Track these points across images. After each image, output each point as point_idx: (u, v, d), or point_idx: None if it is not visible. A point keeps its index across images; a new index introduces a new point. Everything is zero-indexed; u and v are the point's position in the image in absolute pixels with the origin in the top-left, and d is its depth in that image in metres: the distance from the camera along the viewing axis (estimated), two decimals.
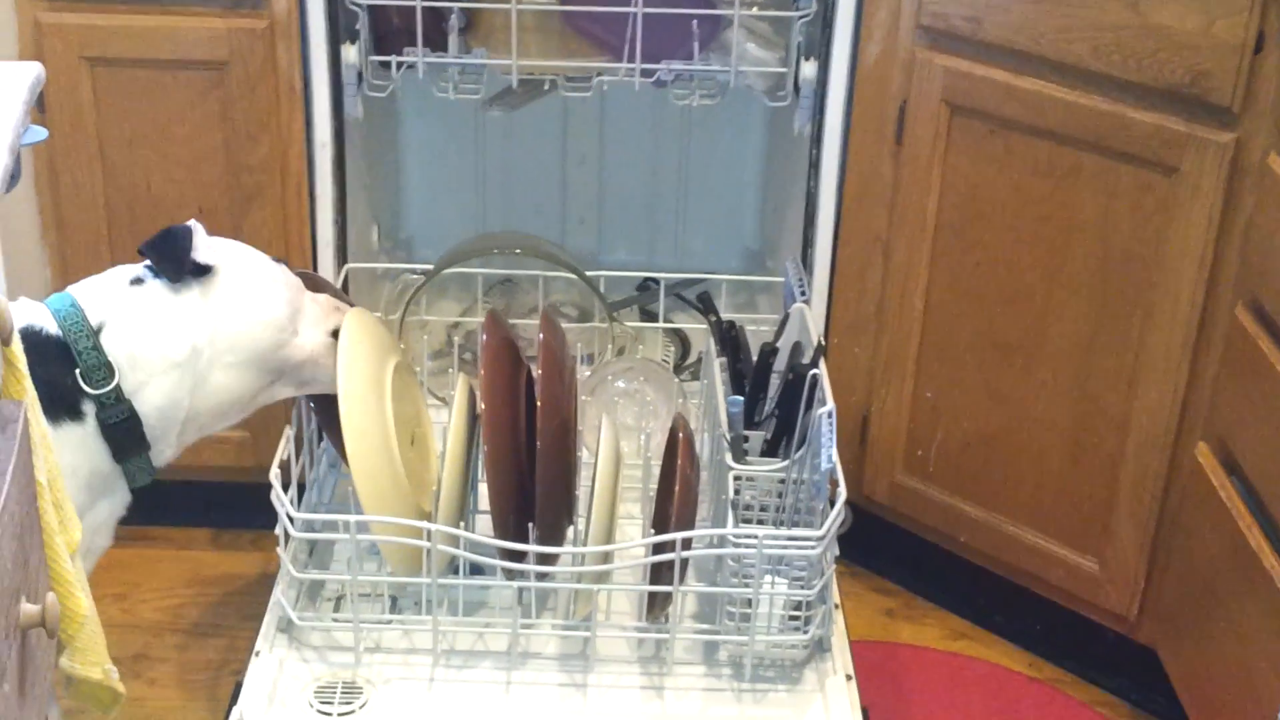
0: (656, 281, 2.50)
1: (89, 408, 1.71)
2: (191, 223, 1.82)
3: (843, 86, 2.20)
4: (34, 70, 1.44)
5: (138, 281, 1.79)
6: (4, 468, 1.33)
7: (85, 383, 1.70)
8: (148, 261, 1.80)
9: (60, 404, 1.69)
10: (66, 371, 1.70)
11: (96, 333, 1.72)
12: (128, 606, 2.40)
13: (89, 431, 1.72)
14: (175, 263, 1.78)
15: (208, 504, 2.52)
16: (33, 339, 1.69)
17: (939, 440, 2.30)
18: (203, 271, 1.79)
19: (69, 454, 1.70)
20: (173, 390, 1.77)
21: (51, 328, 1.71)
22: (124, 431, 1.73)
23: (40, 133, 1.54)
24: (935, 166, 2.16)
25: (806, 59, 2.25)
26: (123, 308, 1.76)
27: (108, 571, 2.45)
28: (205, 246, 1.80)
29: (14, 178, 1.35)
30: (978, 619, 2.42)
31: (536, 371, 1.91)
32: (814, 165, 2.28)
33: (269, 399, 1.89)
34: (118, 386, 1.72)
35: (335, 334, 1.90)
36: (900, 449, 2.35)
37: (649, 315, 2.65)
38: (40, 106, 2.20)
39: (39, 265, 2.30)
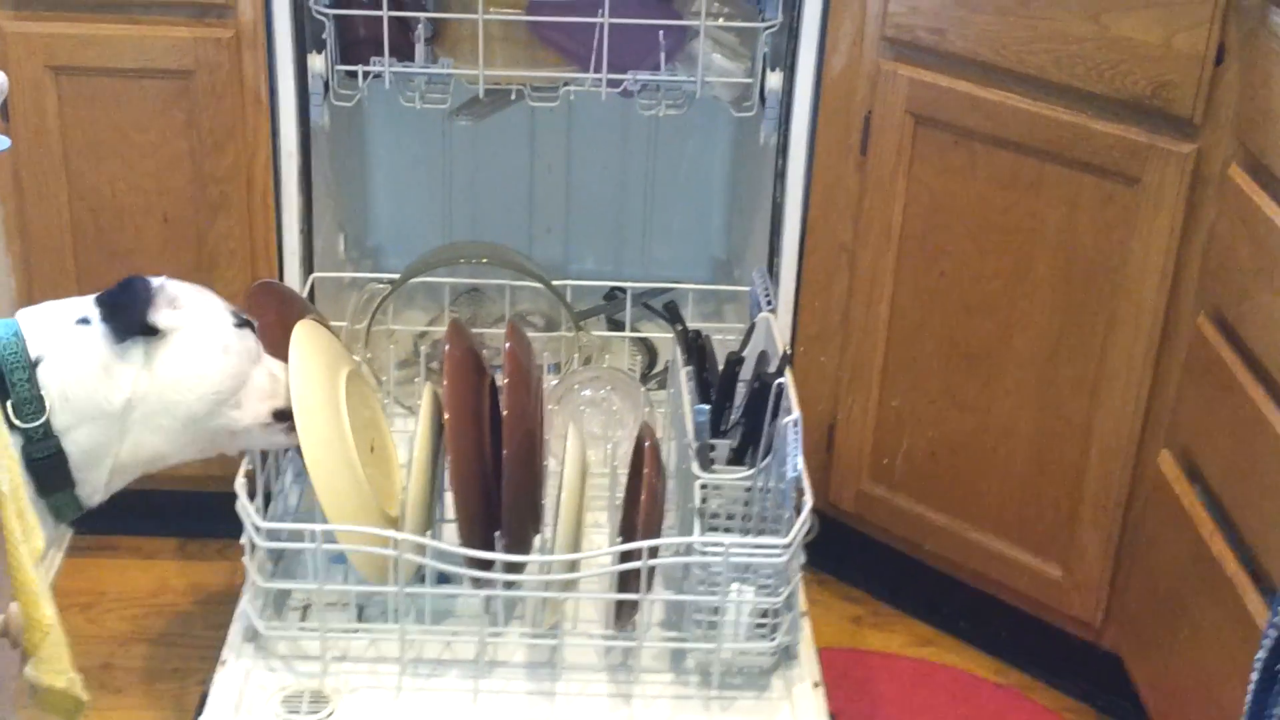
0: (623, 291, 2.50)
1: (16, 440, 1.66)
2: (160, 280, 1.78)
3: (808, 97, 2.21)
4: None
5: (84, 322, 1.73)
6: None
7: (15, 415, 1.66)
8: (97, 297, 1.75)
9: None
10: None
11: (33, 366, 1.68)
12: (93, 616, 2.39)
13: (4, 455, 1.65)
14: (126, 321, 1.72)
15: (174, 513, 2.51)
16: None
17: (904, 449, 2.31)
18: (152, 332, 1.74)
19: None
20: (101, 437, 1.73)
21: None
22: (49, 468, 1.69)
23: (2, 141, 1.53)
24: (900, 177, 2.17)
25: (772, 70, 2.26)
26: (64, 346, 1.71)
27: (73, 581, 2.46)
28: (167, 305, 1.75)
29: None
30: (944, 625, 2.43)
31: (502, 381, 1.91)
32: (780, 175, 2.29)
33: (204, 454, 1.85)
34: (47, 422, 1.68)
35: (278, 414, 1.85)
36: (866, 457, 2.36)
37: (616, 324, 2.65)
38: (4, 115, 2.19)
39: (3, 273, 2.30)
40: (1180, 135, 1.90)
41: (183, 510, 2.48)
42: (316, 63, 2.23)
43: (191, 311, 1.78)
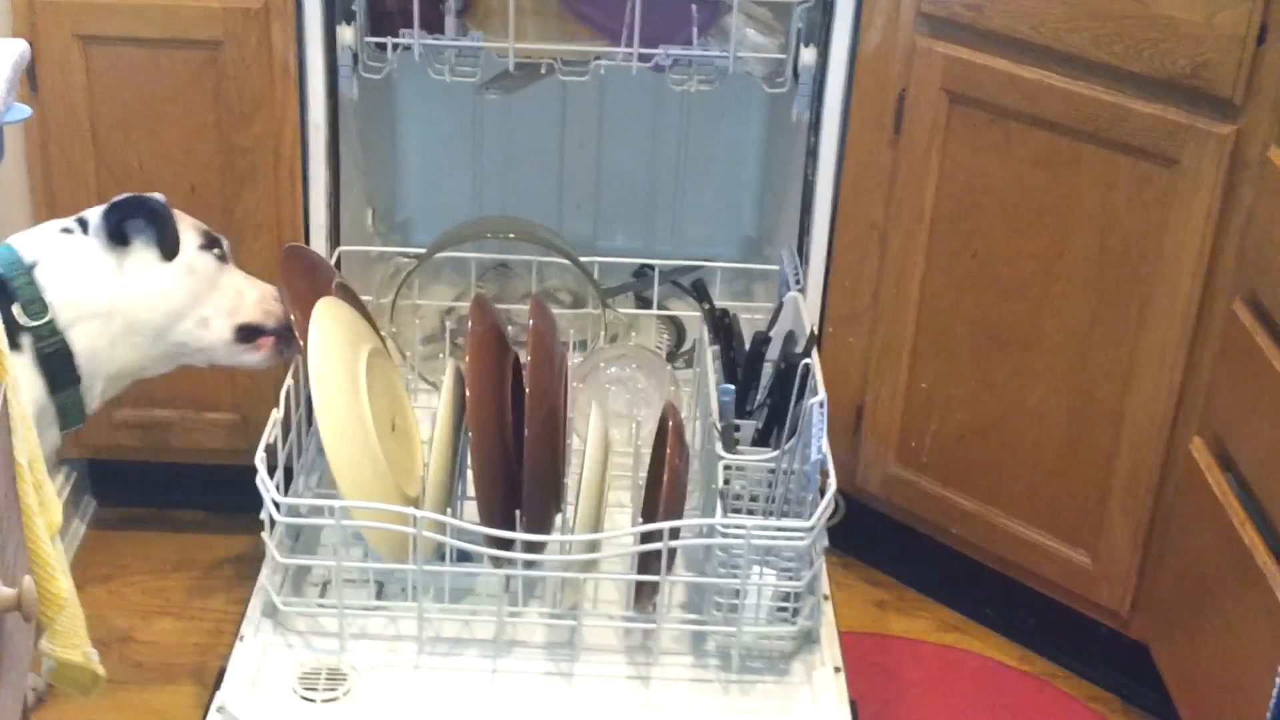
0: (651, 268, 2.48)
1: (26, 340, 1.81)
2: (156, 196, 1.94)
3: (842, 74, 2.18)
4: (17, 47, 1.43)
5: (66, 231, 1.90)
6: None
7: (23, 315, 1.80)
8: (78, 217, 1.92)
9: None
10: (3, 307, 1.79)
11: (30, 269, 1.83)
12: (115, 588, 2.39)
13: (27, 363, 1.81)
14: (114, 222, 1.90)
15: (199, 486, 2.51)
16: None
17: (933, 431, 2.29)
18: (123, 240, 1.90)
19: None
20: (96, 336, 1.87)
21: None
22: (57, 362, 1.83)
23: (23, 110, 1.53)
24: (933, 155, 2.14)
25: (806, 45, 2.23)
26: (54, 251, 1.86)
27: (95, 553, 2.47)
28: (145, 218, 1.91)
29: None
30: (970, 612, 2.40)
31: (525, 358, 1.90)
32: (811, 153, 2.26)
33: (192, 363, 2.00)
34: (51, 320, 1.82)
35: (241, 331, 1.99)
36: (894, 440, 2.33)
37: (644, 302, 2.63)
38: (32, 85, 2.18)
39: None
40: (1220, 116, 1.86)
41: (208, 483, 2.47)
42: (345, 34, 2.21)
43: (162, 224, 1.93)
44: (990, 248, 2.13)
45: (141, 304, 1.90)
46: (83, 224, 1.91)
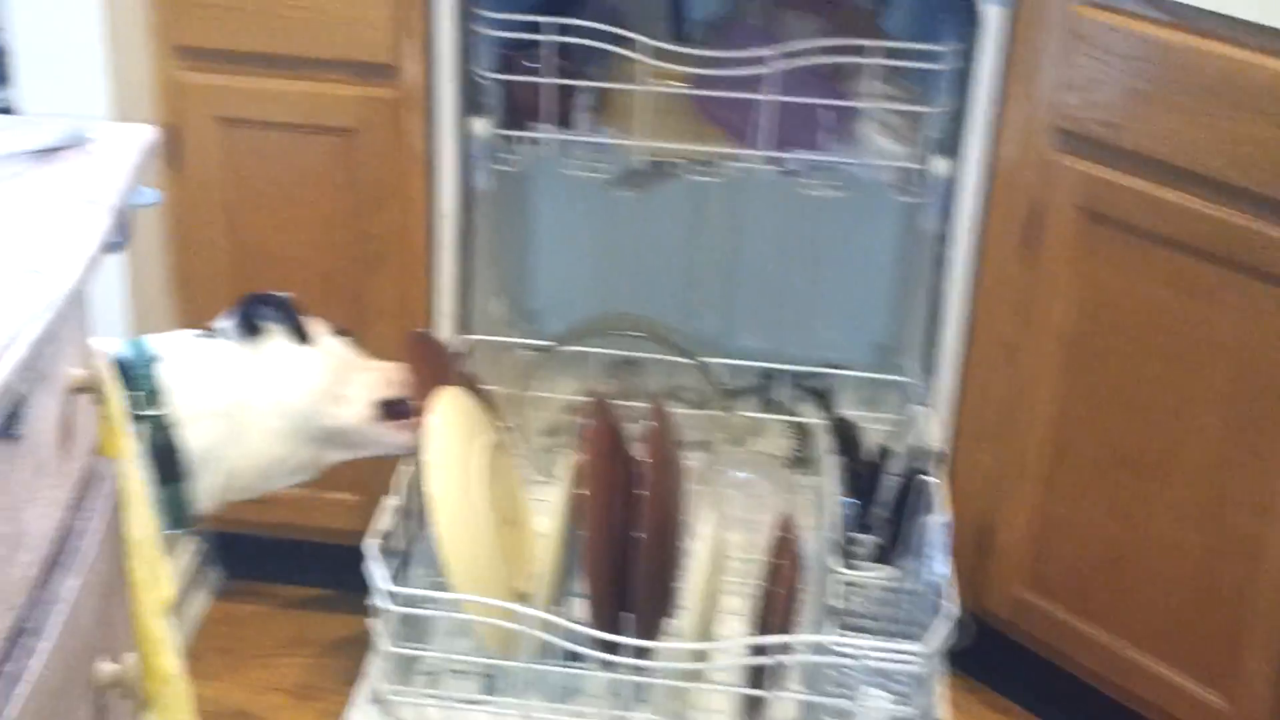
0: (779, 372, 2.44)
1: (137, 429, 1.78)
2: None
3: (973, 185, 2.14)
4: (147, 133, 1.45)
5: (202, 335, 1.91)
6: (94, 526, 1.33)
7: (138, 405, 1.79)
8: (217, 325, 1.92)
9: None
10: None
11: (152, 361, 1.82)
12: (232, 662, 2.40)
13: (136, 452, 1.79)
14: (248, 318, 1.91)
15: (323, 563, 2.51)
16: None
17: (1063, 556, 2.21)
18: (258, 333, 1.90)
19: None
20: (215, 435, 1.84)
21: (114, 349, 1.82)
22: (167, 454, 1.80)
23: (152, 195, 1.55)
24: (1067, 273, 2.08)
25: (938, 155, 2.19)
26: (180, 349, 1.86)
27: (216, 625, 2.49)
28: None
29: (119, 242, 1.35)
30: None
31: (643, 458, 1.88)
32: (941, 264, 2.22)
33: (321, 463, 1.94)
34: (166, 413, 1.80)
35: (387, 407, 1.95)
36: (1023, 562, 2.26)
37: (769, 405, 2.59)
38: (177, 165, 2.22)
39: (166, 321, 2.32)
40: None
41: (329, 562, 2.47)
42: (478, 126, 2.22)
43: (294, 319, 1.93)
44: (1124, 370, 2.06)
45: (280, 387, 1.88)
46: (212, 331, 1.92)
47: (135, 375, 1.81)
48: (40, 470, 1.20)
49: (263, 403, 1.87)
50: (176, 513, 1.84)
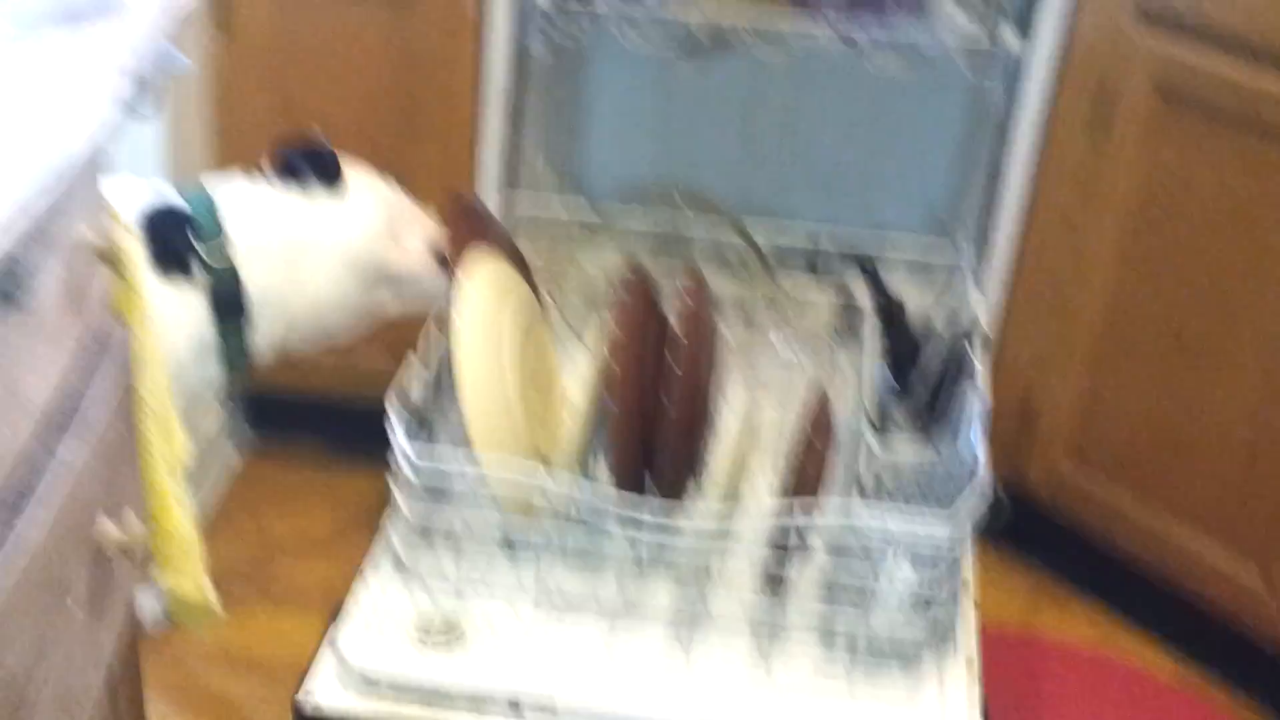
0: (827, 245, 2.43)
1: (197, 268, 1.83)
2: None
3: (1045, 60, 2.11)
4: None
5: (257, 179, 1.93)
6: (103, 388, 1.32)
7: (199, 244, 1.83)
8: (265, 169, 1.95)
9: (173, 260, 1.81)
10: (183, 232, 1.83)
11: (213, 202, 1.85)
12: (263, 522, 2.44)
13: (195, 289, 1.83)
14: (305, 171, 1.93)
15: (354, 424, 2.53)
16: (160, 205, 1.83)
17: (1107, 430, 2.21)
18: (304, 176, 1.92)
19: (176, 310, 1.80)
20: (271, 275, 1.87)
21: (176, 199, 1.85)
22: (227, 294, 1.84)
23: (180, 61, 1.55)
24: (1135, 151, 2.05)
25: (1011, 31, 2.15)
26: (239, 192, 1.89)
27: (244, 484, 2.52)
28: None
29: (146, 110, 1.33)
30: (1126, 617, 2.32)
31: (677, 330, 1.87)
32: (1007, 138, 2.19)
33: (371, 311, 1.98)
34: (226, 250, 1.84)
35: (439, 256, 1.98)
36: (1065, 436, 2.26)
37: (815, 274, 2.58)
38: (226, 28, 2.22)
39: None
40: None
41: (362, 421, 2.49)
42: None
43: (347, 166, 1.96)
44: (1186, 253, 2.04)
45: (339, 227, 1.92)
46: (262, 174, 1.95)
47: (198, 215, 1.84)
48: (42, 334, 1.17)
49: (323, 244, 1.90)
50: (237, 357, 1.89)
